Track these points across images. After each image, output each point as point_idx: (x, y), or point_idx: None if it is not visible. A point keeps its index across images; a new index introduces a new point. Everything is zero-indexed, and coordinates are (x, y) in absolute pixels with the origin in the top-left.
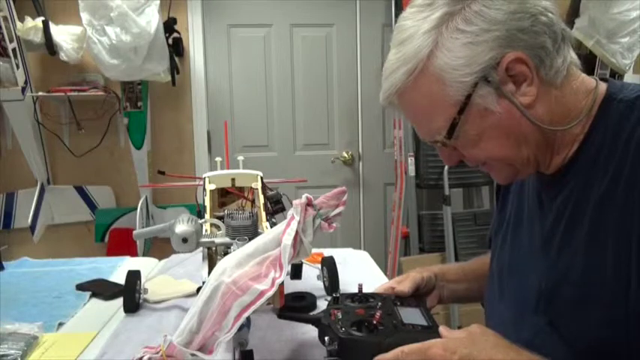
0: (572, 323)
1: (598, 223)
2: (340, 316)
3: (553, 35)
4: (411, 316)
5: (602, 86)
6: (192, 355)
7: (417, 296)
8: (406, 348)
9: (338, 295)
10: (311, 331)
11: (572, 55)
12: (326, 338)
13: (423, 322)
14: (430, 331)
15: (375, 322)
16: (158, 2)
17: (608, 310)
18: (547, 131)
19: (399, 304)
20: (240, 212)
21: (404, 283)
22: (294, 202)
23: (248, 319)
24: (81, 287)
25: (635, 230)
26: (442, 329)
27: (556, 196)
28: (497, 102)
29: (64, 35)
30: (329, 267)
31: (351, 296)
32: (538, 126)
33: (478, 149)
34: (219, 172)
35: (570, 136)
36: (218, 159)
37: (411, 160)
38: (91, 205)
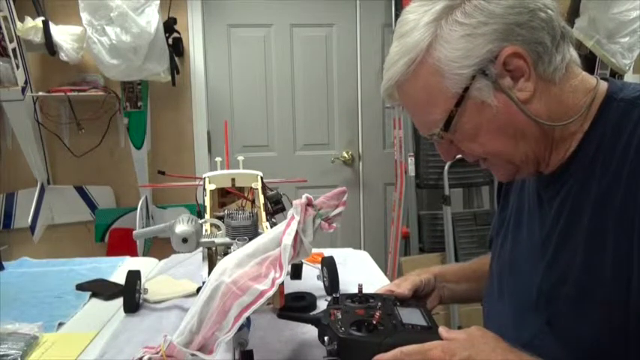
0: (571, 323)
1: (597, 222)
2: (340, 316)
3: (552, 32)
4: (411, 316)
5: (603, 85)
6: (192, 355)
7: (417, 298)
8: (405, 349)
9: (338, 295)
10: (311, 331)
11: (573, 54)
12: (325, 338)
13: (423, 323)
14: (430, 332)
15: (374, 322)
16: (158, 2)
17: (607, 310)
18: (545, 127)
19: (399, 304)
20: (240, 212)
21: (403, 285)
22: (294, 202)
23: (248, 319)
24: (81, 287)
25: (636, 229)
26: (442, 330)
27: (555, 194)
28: (494, 96)
29: (64, 35)
30: (329, 267)
31: (351, 296)
32: (535, 121)
33: (475, 143)
34: (219, 172)
35: (569, 133)
36: (218, 159)
37: (411, 160)
38: (91, 205)
